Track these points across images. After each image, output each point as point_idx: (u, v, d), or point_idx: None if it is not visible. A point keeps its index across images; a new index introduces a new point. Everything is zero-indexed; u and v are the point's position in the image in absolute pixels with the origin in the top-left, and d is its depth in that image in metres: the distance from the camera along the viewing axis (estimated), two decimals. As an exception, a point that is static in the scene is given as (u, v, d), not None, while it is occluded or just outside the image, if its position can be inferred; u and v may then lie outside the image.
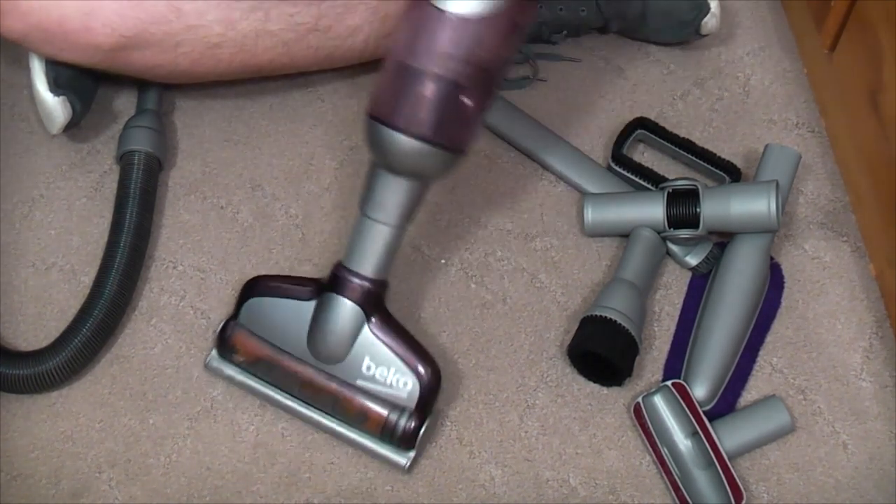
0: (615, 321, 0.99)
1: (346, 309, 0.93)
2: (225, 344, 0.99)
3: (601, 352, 0.99)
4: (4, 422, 0.99)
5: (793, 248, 1.10)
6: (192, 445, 0.99)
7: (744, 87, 1.21)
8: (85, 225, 1.10)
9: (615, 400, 1.02)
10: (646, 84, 1.21)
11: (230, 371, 0.99)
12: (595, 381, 1.02)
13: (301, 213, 1.11)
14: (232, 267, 1.08)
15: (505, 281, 1.08)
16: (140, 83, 1.15)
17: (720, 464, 0.94)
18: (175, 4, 1.02)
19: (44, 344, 1.00)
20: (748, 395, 1.02)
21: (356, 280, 0.93)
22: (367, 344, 0.93)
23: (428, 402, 0.94)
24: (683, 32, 1.19)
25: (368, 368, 0.94)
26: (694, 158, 1.13)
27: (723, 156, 1.12)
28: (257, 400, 1.01)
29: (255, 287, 0.98)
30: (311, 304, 0.95)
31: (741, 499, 0.93)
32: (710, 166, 1.12)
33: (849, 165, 1.13)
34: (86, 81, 1.11)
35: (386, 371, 0.93)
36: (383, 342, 0.94)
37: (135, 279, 1.04)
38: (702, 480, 0.95)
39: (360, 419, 0.95)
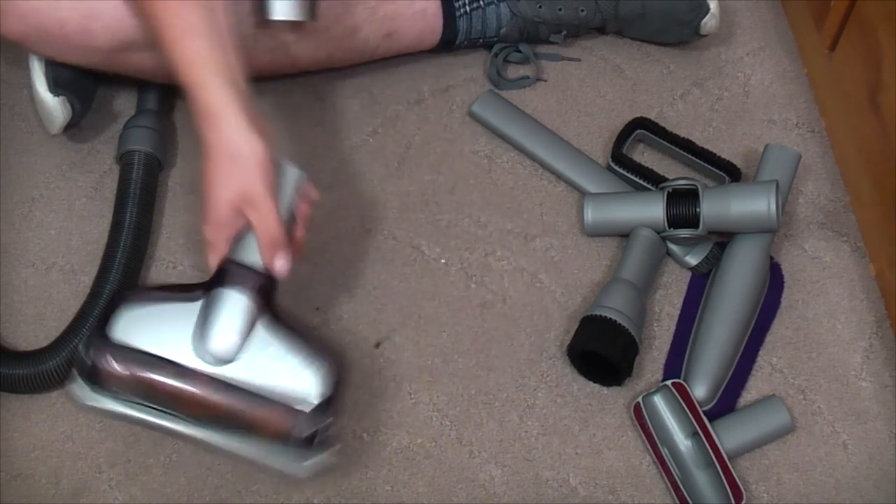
0: (615, 321, 0.99)
1: (238, 301, 0.86)
2: (97, 371, 0.85)
3: (601, 352, 0.99)
4: (4, 422, 0.99)
5: (793, 248, 1.10)
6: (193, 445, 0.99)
7: (744, 87, 1.21)
8: (85, 225, 1.10)
9: (615, 400, 1.02)
10: (646, 84, 1.21)
11: (109, 404, 0.87)
12: (595, 381, 1.02)
13: (301, 213, 1.11)
14: (232, 267, 1.08)
15: (505, 281, 1.08)
16: (140, 83, 1.15)
17: (720, 464, 0.94)
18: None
19: (44, 344, 1.00)
20: (748, 395, 1.02)
21: (247, 272, 0.88)
22: (265, 339, 0.86)
23: (332, 398, 0.86)
24: (683, 33, 1.19)
25: (268, 364, 0.86)
26: (694, 158, 1.13)
27: (723, 156, 1.12)
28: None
29: (127, 296, 0.89)
30: (198, 304, 0.87)
31: (741, 499, 0.93)
32: (710, 166, 1.12)
33: (849, 165, 1.13)
34: (85, 81, 1.11)
35: (287, 366, 0.86)
36: (282, 335, 0.87)
37: (135, 279, 1.04)
38: (702, 480, 0.95)
39: (258, 426, 0.85)
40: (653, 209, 1.06)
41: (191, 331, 0.86)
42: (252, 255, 0.88)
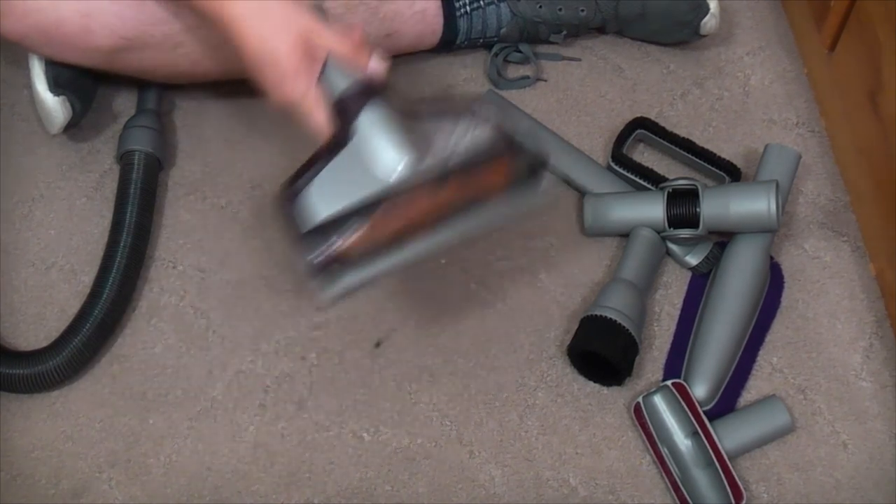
0: (615, 321, 0.99)
1: (377, 115, 0.86)
2: (326, 261, 0.84)
3: (601, 352, 0.99)
4: (4, 422, 0.99)
5: (793, 248, 1.10)
6: (192, 445, 0.99)
7: (744, 87, 1.21)
8: (85, 225, 1.10)
9: (615, 400, 1.02)
10: (646, 84, 1.21)
11: (354, 279, 0.87)
12: (595, 381, 1.02)
13: (301, 213, 1.11)
14: (232, 267, 1.08)
15: (505, 281, 1.08)
16: (140, 83, 1.15)
17: (720, 464, 0.94)
18: (174, 6, 1.01)
19: (44, 344, 1.01)
20: (748, 395, 1.02)
21: (357, 90, 0.87)
22: (422, 125, 0.87)
23: (510, 125, 0.87)
24: (683, 33, 1.19)
25: (446, 141, 0.85)
26: (694, 158, 1.13)
27: (723, 156, 1.12)
28: (257, 400, 1.01)
29: (294, 187, 0.87)
30: (354, 143, 0.86)
31: (741, 499, 0.93)
32: (710, 166, 1.12)
33: (849, 165, 1.13)
34: (86, 81, 1.11)
35: (460, 131, 0.86)
36: (432, 113, 0.88)
37: (135, 279, 1.05)
38: (702, 480, 0.95)
39: (489, 187, 0.87)
40: (653, 209, 1.06)
41: (367, 168, 0.85)
42: (347, 78, 0.87)
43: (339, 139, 0.86)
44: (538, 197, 0.89)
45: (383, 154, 0.85)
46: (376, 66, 0.89)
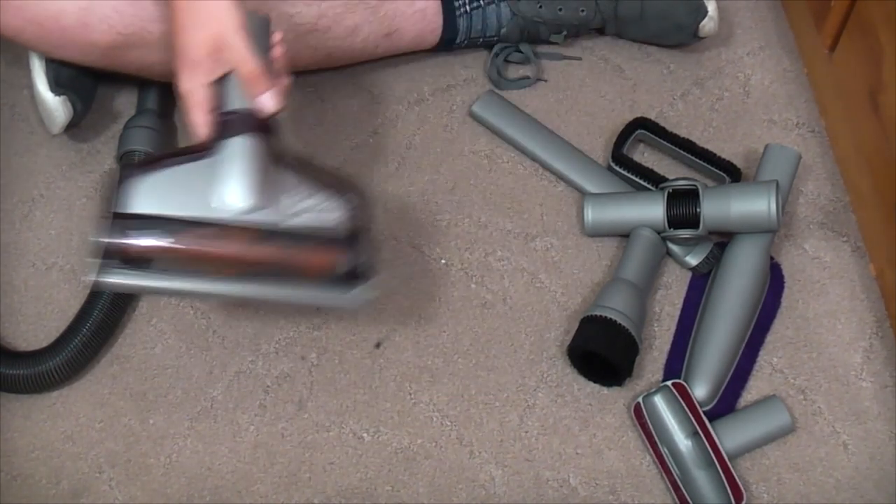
0: (615, 321, 0.99)
1: (247, 147, 0.85)
2: (121, 248, 0.82)
3: (601, 352, 0.99)
4: (4, 422, 0.99)
5: (793, 248, 1.10)
6: (192, 445, 0.99)
7: (744, 87, 1.21)
8: (85, 225, 1.10)
9: (615, 400, 1.02)
10: (646, 84, 1.21)
11: (135, 280, 0.84)
12: (595, 381, 1.02)
13: (301, 213, 1.11)
14: (232, 267, 1.08)
15: (505, 281, 1.08)
16: (140, 83, 1.15)
17: (720, 464, 0.94)
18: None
19: (44, 344, 1.01)
20: (748, 395, 1.02)
21: (245, 117, 0.86)
22: (286, 179, 0.85)
23: (363, 224, 0.86)
24: (681, 36, 1.19)
25: (296, 204, 0.85)
26: (694, 158, 1.13)
27: (723, 156, 1.12)
28: (257, 400, 1.01)
29: (136, 170, 0.85)
30: (209, 160, 0.85)
31: (741, 499, 0.93)
32: (710, 166, 1.12)
33: (849, 165, 1.13)
34: (86, 81, 1.11)
35: (315, 201, 0.85)
36: (302, 172, 0.86)
37: (135, 279, 1.05)
38: (702, 480, 0.95)
39: (300, 268, 0.85)
40: (653, 209, 1.06)
41: (208, 188, 0.83)
42: (244, 102, 0.86)
43: (202, 150, 0.86)
44: (348, 302, 0.88)
45: (229, 187, 0.84)
46: (267, 100, 0.87)
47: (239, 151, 0.85)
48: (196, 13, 0.87)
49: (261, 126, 0.87)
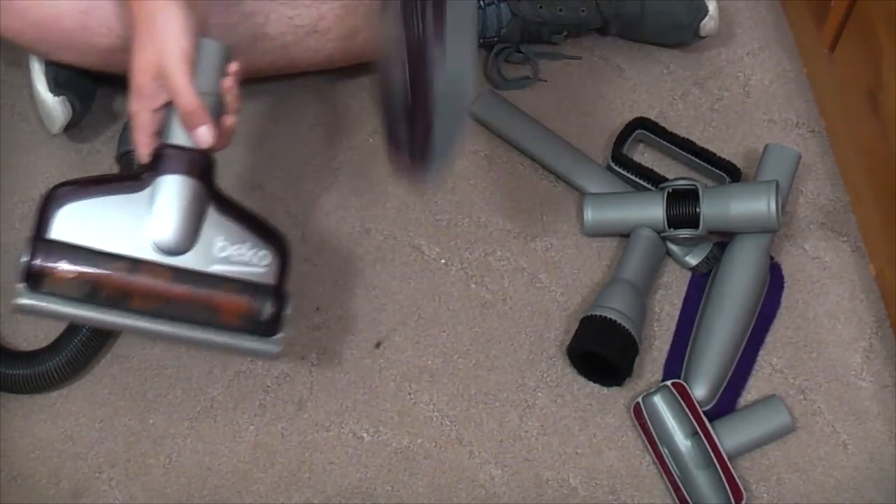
0: (615, 321, 0.99)
1: (182, 187, 0.84)
2: (41, 271, 0.82)
3: (601, 352, 0.99)
4: (4, 422, 0.99)
5: (793, 248, 1.10)
6: (192, 445, 0.99)
7: (744, 87, 1.21)
8: (85, 225, 1.10)
9: (615, 400, 1.02)
10: (646, 84, 1.21)
11: (52, 305, 0.83)
12: (595, 381, 1.02)
13: (301, 212, 1.11)
14: (232, 267, 1.08)
15: (505, 281, 1.08)
16: (140, 83, 1.15)
17: (720, 464, 0.94)
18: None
19: (44, 344, 1.00)
20: (748, 395, 1.02)
21: (184, 153, 0.85)
22: (215, 223, 0.85)
23: (286, 275, 0.87)
24: (682, 35, 1.19)
25: (222, 249, 0.85)
26: (694, 158, 1.13)
27: (723, 156, 1.12)
28: (257, 400, 1.01)
29: (66, 194, 0.84)
30: (142, 195, 0.84)
31: (741, 499, 0.93)
32: (710, 166, 1.12)
33: (849, 165, 1.13)
34: (85, 81, 1.11)
35: (241, 248, 0.85)
36: (231, 217, 0.86)
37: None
38: (702, 480, 0.95)
39: (217, 311, 0.84)
40: (653, 209, 1.06)
41: (136, 223, 0.83)
42: (186, 136, 0.85)
43: (136, 181, 0.85)
44: (264, 351, 0.87)
45: (157, 226, 0.83)
46: (201, 135, 0.85)
47: (172, 190, 0.84)
48: (147, 33, 0.84)
49: (199, 165, 0.85)
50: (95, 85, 1.14)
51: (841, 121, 1.14)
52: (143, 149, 0.87)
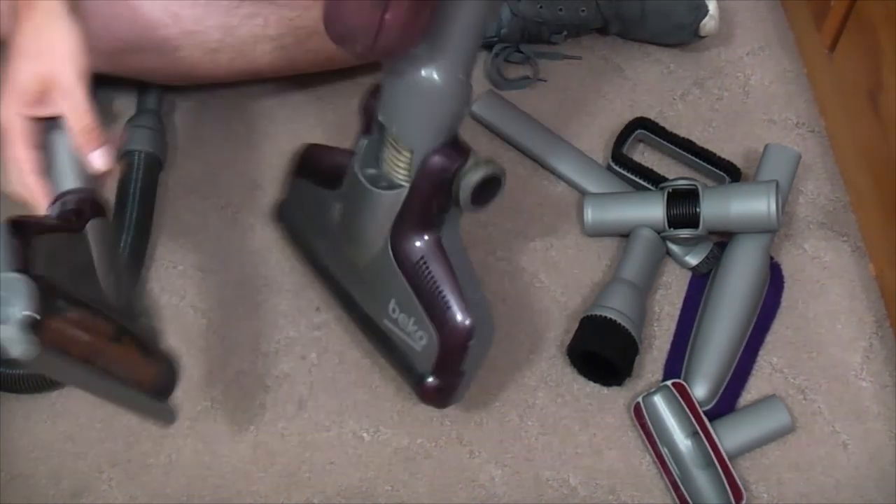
0: (615, 321, 0.99)
1: (99, 230, 0.79)
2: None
3: (601, 352, 0.99)
4: (4, 422, 0.99)
5: (793, 248, 1.10)
6: (192, 445, 0.99)
7: (744, 87, 1.21)
8: (85, 225, 1.10)
9: (615, 400, 1.02)
10: (646, 84, 1.21)
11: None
12: (595, 381, 1.02)
13: (301, 213, 1.11)
14: (232, 267, 1.08)
15: (505, 281, 1.08)
16: (140, 83, 1.15)
17: (720, 464, 0.94)
18: (173, 10, 1.01)
19: (44, 344, 1.00)
20: (748, 395, 1.02)
21: (88, 194, 0.81)
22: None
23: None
24: (682, 34, 1.19)
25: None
26: (694, 158, 1.13)
27: (723, 156, 1.12)
28: (257, 400, 1.01)
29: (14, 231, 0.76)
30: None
31: (741, 499, 0.93)
32: (710, 166, 1.12)
33: (849, 165, 1.13)
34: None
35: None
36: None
37: (135, 279, 1.04)
38: (702, 480, 0.95)
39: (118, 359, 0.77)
40: (653, 209, 1.06)
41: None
42: (75, 166, 0.80)
43: (75, 229, 0.79)
44: (161, 415, 0.82)
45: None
46: (98, 158, 0.82)
47: (97, 239, 0.79)
48: (37, 41, 0.80)
49: (99, 206, 0.81)
50: (95, 85, 1.14)
51: (841, 121, 1.14)
52: (35, 193, 0.80)
